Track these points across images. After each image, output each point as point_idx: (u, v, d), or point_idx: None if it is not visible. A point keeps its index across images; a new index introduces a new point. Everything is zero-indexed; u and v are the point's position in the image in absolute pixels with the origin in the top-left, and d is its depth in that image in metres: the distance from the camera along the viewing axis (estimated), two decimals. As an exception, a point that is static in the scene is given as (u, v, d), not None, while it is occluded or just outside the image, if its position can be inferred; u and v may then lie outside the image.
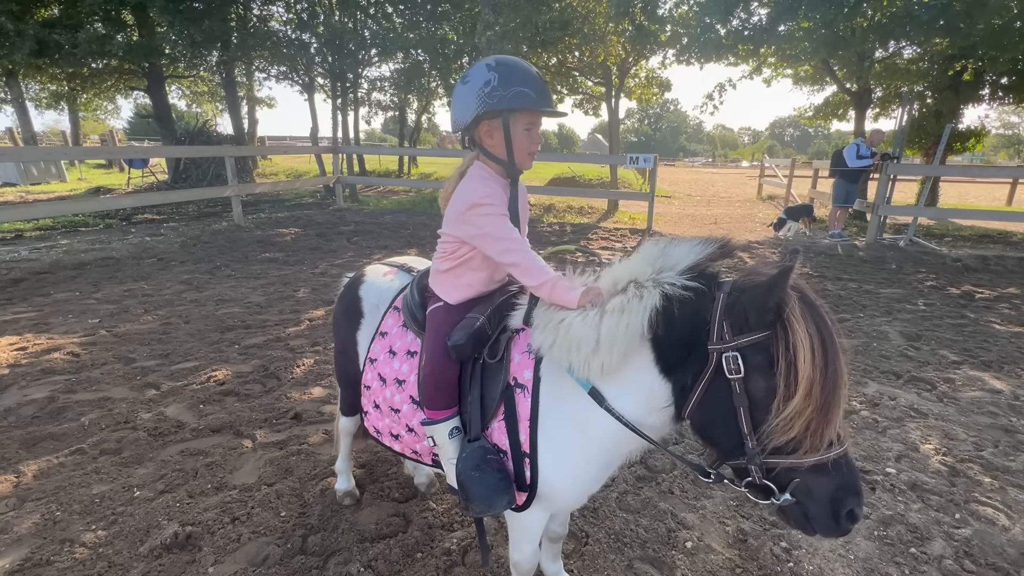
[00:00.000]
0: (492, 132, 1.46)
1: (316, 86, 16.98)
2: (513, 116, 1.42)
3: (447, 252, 1.56)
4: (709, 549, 2.18)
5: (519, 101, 1.39)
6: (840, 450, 1.05)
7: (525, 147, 1.48)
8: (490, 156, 1.50)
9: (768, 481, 1.11)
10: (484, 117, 1.45)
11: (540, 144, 1.52)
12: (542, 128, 1.54)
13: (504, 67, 1.41)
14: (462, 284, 1.58)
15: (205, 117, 19.47)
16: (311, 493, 2.44)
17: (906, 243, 9.00)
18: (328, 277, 6.18)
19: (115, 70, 13.87)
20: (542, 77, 1.46)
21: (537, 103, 1.41)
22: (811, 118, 15.79)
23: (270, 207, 11.97)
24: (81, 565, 1.98)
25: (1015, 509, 2.45)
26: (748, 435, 1.09)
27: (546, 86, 1.46)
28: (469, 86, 1.42)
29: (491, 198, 1.44)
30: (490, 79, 1.40)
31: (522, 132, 1.45)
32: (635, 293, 1.21)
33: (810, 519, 1.09)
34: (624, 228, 10.33)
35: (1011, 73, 11.19)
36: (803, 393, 1.00)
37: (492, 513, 1.42)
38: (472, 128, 1.48)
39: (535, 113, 1.44)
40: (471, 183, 1.48)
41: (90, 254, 7.02)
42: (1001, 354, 4.29)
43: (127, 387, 3.40)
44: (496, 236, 1.42)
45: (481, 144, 1.50)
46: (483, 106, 1.41)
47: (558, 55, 14.12)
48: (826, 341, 1.02)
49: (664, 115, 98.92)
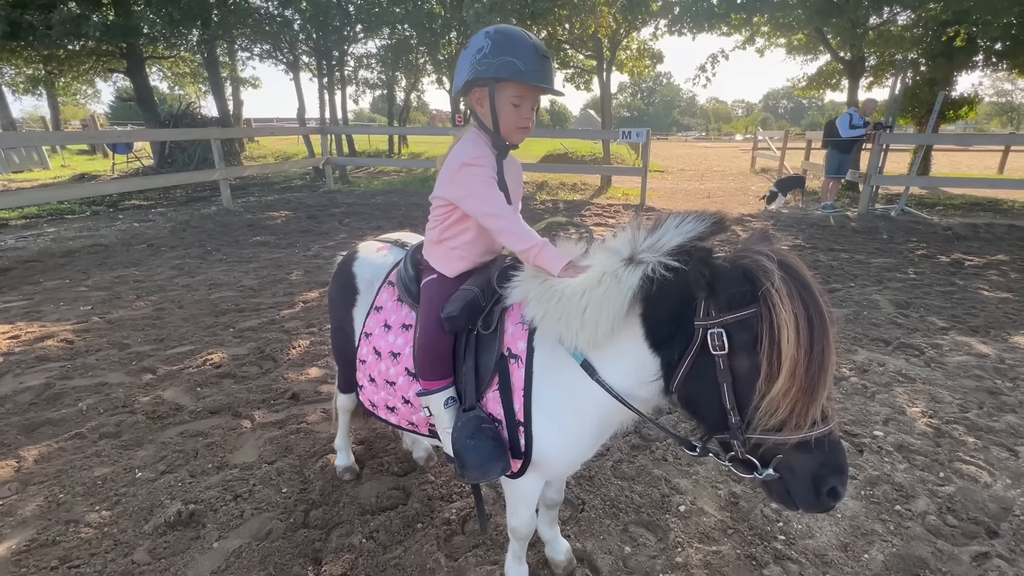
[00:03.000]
0: (482, 100, 1.44)
1: (301, 65, 16.61)
2: (499, 86, 1.39)
3: (439, 218, 1.56)
4: (702, 512, 2.24)
5: (505, 71, 1.36)
6: (824, 429, 1.05)
7: (513, 121, 1.45)
8: (481, 125, 1.49)
9: (752, 456, 1.12)
10: (474, 84, 1.43)
11: (532, 121, 1.48)
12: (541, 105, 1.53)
13: (501, 35, 1.38)
14: (455, 255, 1.57)
15: (189, 99, 18.98)
16: (311, 470, 2.48)
17: (897, 213, 9.03)
18: (321, 259, 6.14)
19: (92, 52, 13.49)
20: (543, 51, 1.40)
21: (524, 75, 1.37)
22: (804, 88, 15.64)
23: (259, 190, 11.81)
24: (87, 544, 2.02)
25: (997, 467, 2.53)
26: (731, 411, 1.10)
27: (545, 61, 1.39)
28: (466, 51, 1.42)
29: (480, 160, 1.44)
30: (484, 46, 1.38)
31: (509, 105, 1.42)
32: (622, 269, 1.21)
33: (792, 495, 1.10)
34: (618, 204, 10.30)
35: (1005, 38, 11.08)
36: (787, 373, 0.99)
37: (487, 480, 1.45)
38: (464, 94, 1.47)
39: (524, 86, 1.40)
40: (463, 145, 1.48)
41: (78, 241, 6.93)
42: (988, 319, 4.37)
43: (123, 372, 3.40)
44: (481, 196, 1.42)
45: (474, 112, 1.50)
46: (472, 72, 1.39)
47: (548, 27, 13.81)
48: (812, 321, 0.99)
49: (657, 89, 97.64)
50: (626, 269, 1.21)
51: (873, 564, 1.97)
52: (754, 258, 1.06)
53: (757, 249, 1.08)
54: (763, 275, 1.03)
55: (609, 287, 1.21)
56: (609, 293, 1.21)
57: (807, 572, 1.93)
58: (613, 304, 1.20)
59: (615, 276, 1.21)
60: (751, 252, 1.09)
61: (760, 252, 1.07)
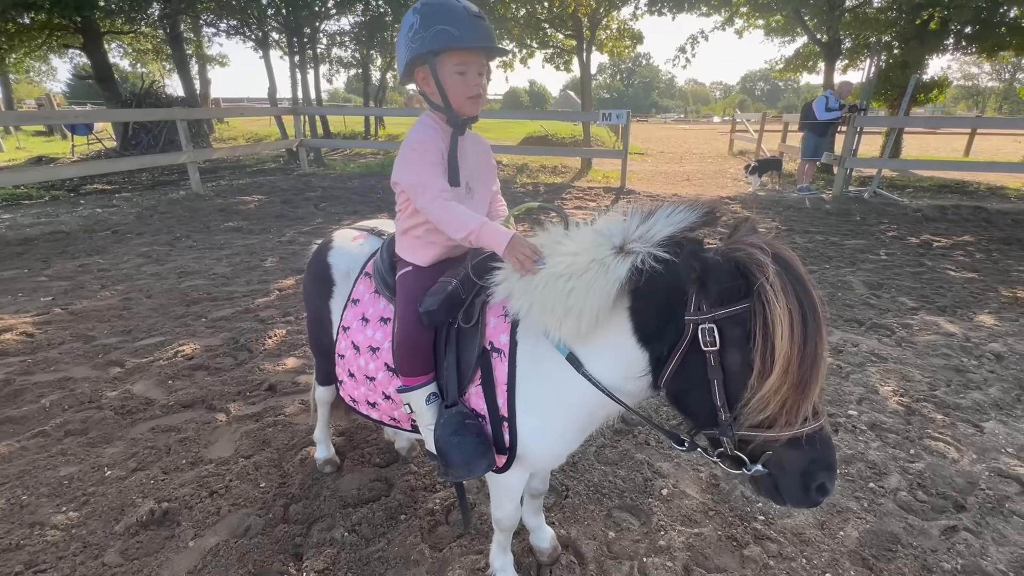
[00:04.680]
0: (427, 79, 1.38)
1: (271, 42, 15.93)
2: (440, 58, 1.33)
3: (401, 207, 1.51)
4: (684, 495, 2.27)
5: (439, 41, 1.29)
6: (815, 425, 1.03)
7: (462, 91, 1.37)
8: (433, 106, 1.42)
9: (741, 452, 1.09)
10: (415, 64, 1.36)
11: (482, 87, 1.41)
12: (500, 80, 1.45)
13: (427, 6, 1.30)
14: (421, 243, 1.51)
15: (152, 78, 18.11)
16: (290, 463, 2.42)
17: (870, 195, 9.22)
18: (297, 245, 5.98)
19: (44, 25, 12.70)
20: (474, 11, 1.32)
21: (460, 39, 1.29)
22: (782, 70, 15.76)
23: (230, 174, 11.40)
24: (54, 547, 1.94)
25: (964, 443, 2.63)
26: (721, 407, 1.08)
27: (477, 21, 1.32)
28: (400, 33, 1.36)
29: (424, 144, 1.38)
30: (414, 22, 1.31)
31: (453, 75, 1.35)
32: (611, 258, 1.16)
33: (781, 490, 1.08)
34: (598, 187, 10.27)
35: (974, 22, 11.30)
36: (780, 370, 0.96)
37: (471, 478, 1.43)
38: (409, 78, 1.41)
39: (464, 52, 1.32)
40: (412, 130, 1.43)
41: (36, 228, 6.60)
42: (955, 299, 4.51)
43: (88, 366, 3.26)
44: (421, 184, 1.36)
45: (423, 94, 1.43)
46: (409, 51, 1.33)
47: (527, 5, 13.53)
48: (807, 317, 0.97)
49: (636, 70, 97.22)
50: (615, 258, 1.16)
51: (848, 541, 2.03)
52: (748, 251, 1.02)
53: (750, 242, 1.04)
54: (757, 269, 0.99)
55: (596, 275, 1.16)
56: (596, 281, 1.16)
57: (786, 551, 1.98)
58: (599, 293, 1.16)
59: (603, 264, 1.16)
60: (744, 245, 1.05)
61: (754, 245, 1.03)
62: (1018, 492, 2.29)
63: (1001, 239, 6.51)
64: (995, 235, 6.71)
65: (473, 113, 1.44)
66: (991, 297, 4.57)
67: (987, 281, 4.97)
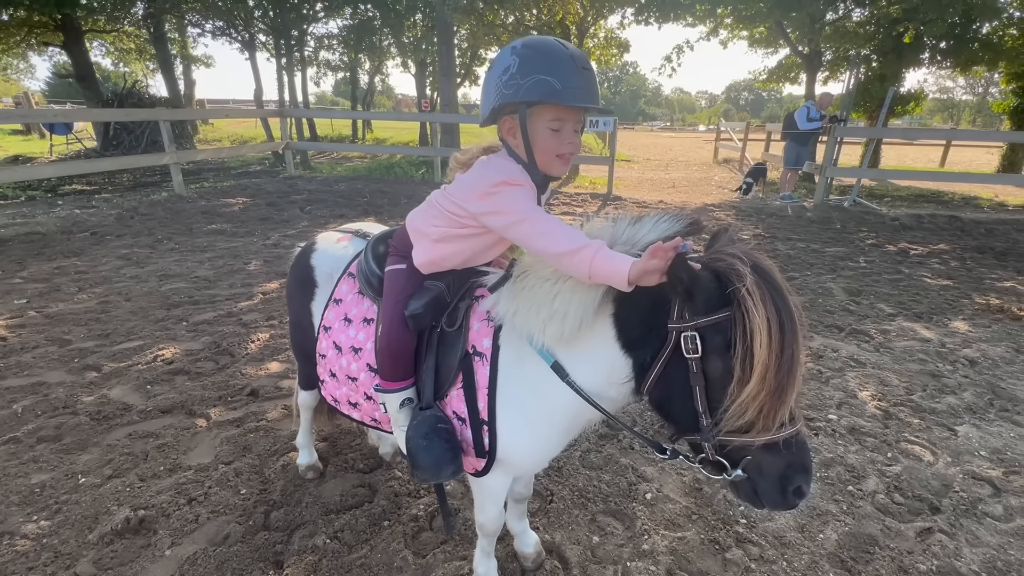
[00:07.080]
0: (514, 130, 1.26)
1: (257, 44, 15.81)
2: (532, 111, 1.21)
3: (450, 222, 1.37)
4: (667, 499, 2.29)
5: (536, 92, 1.16)
6: (792, 430, 1.05)
7: (551, 148, 1.25)
8: (515, 157, 1.30)
9: (721, 457, 1.12)
10: (502, 112, 1.25)
11: (575, 146, 1.28)
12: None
13: (529, 49, 1.18)
14: (440, 256, 1.44)
15: (135, 77, 17.80)
16: (272, 469, 2.39)
17: (850, 204, 9.43)
18: (281, 248, 5.91)
19: (23, 22, 12.43)
20: (583, 62, 1.19)
21: (561, 95, 1.16)
22: (765, 81, 16.08)
23: (214, 176, 11.25)
24: (24, 557, 1.88)
25: (939, 446, 2.69)
26: (703, 414, 1.09)
27: (586, 74, 1.18)
28: (491, 72, 1.24)
29: (526, 181, 1.26)
30: (510, 64, 1.18)
31: (546, 130, 1.23)
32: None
33: (759, 494, 1.11)
34: (585, 193, 10.34)
35: (948, 37, 11.67)
36: (758, 377, 0.99)
37: (438, 481, 1.42)
38: (491, 122, 1.30)
39: (563, 108, 1.21)
40: (501, 160, 1.30)
41: (11, 229, 6.43)
42: (931, 306, 4.62)
43: (64, 370, 3.18)
44: (538, 225, 1.20)
45: (506, 143, 1.31)
46: (499, 97, 1.21)
47: (515, 12, 13.63)
48: (784, 325, 0.99)
49: (623, 78, 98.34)
50: None
51: (828, 543, 2.06)
52: (728, 261, 1.04)
53: (730, 252, 1.06)
54: (736, 278, 1.01)
55: (580, 283, 1.18)
56: (581, 285, 1.19)
57: (767, 554, 2.00)
58: (583, 298, 1.18)
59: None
60: (724, 255, 1.07)
61: (733, 255, 1.05)
62: (991, 494, 2.35)
63: (975, 247, 6.71)
64: (969, 244, 6.91)
65: (557, 173, 1.32)
66: (965, 304, 4.70)
67: (961, 288, 5.11)
